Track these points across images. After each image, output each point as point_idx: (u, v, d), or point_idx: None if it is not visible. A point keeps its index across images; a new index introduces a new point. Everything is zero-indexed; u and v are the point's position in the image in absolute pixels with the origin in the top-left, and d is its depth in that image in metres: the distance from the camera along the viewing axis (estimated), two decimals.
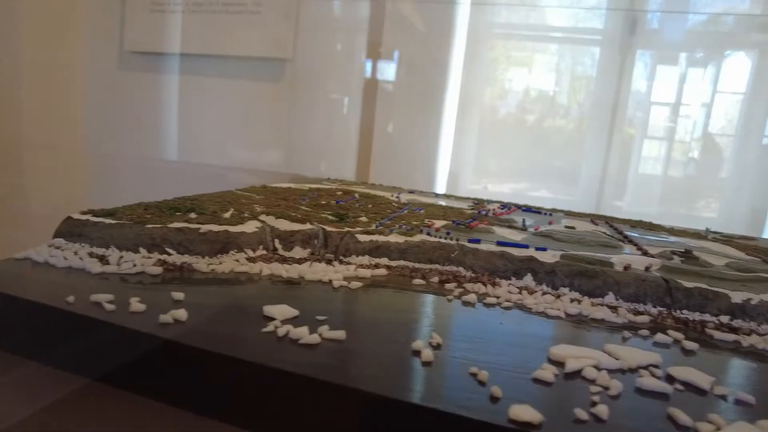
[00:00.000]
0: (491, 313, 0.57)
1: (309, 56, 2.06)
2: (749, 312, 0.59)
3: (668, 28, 2.16)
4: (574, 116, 2.22)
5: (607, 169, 2.17)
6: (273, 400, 0.40)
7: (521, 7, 2.20)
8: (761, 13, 2.07)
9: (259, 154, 2.14)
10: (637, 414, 0.38)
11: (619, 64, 2.16)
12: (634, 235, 0.94)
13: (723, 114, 2.05)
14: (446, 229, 0.80)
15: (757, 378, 0.47)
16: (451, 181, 2.30)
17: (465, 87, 2.24)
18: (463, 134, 2.27)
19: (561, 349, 0.46)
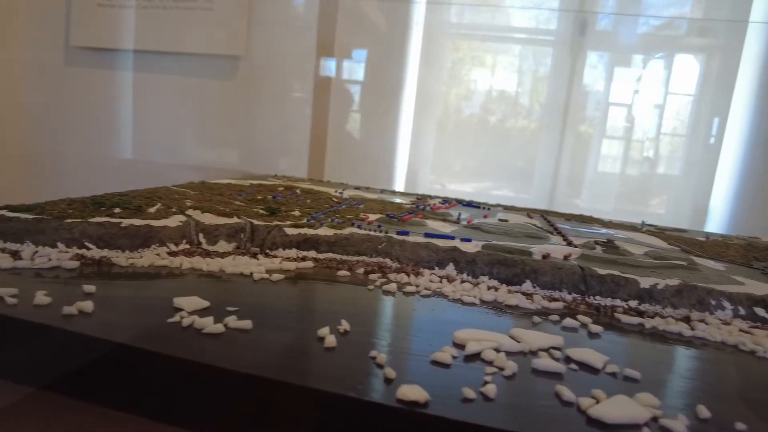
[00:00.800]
0: (408, 301, 0.57)
1: (262, 53, 2.04)
2: (656, 296, 0.62)
3: (618, 30, 2.23)
4: (532, 116, 2.26)
5: (560, 168, 2.23)
6: (169, 387, 0.40)
7: (478, 7, 2.23)
8: (703, 17, 2.16)
9: (214, 152, 2.11)
10: (527, 392, 0.40)
11: (570, 64, 2.22)
12: (566, 228, 0.97)
13: (675, 115, 2.13)
14: (379, 223, 0.81)
15: (650, 356, 0.49)
16: (410, 179, 2.32)
17: (422, 85, 2.26)
18: (420, 132, 2.29)
19: (465, 333, 0.47)
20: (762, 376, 0.47)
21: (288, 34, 2.05)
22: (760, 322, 0.60)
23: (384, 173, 2.26)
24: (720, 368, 0.48)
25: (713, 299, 0.61)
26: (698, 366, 0.48)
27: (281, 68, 2.05)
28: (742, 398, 0.42)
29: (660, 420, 0.36)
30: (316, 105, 2.09)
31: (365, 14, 2.22)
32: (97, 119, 2.13)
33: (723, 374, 0.47)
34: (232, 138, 2.08)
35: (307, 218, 0.78)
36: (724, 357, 0.51)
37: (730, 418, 0.38)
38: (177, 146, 2.07)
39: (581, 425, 0.35)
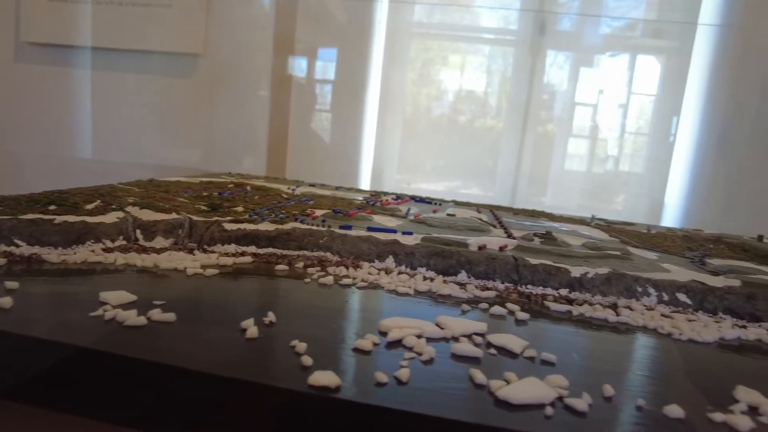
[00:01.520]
0: (342, 292, 0.58)
1: (221, 51, 2.02)
2: (586, 285, 0.64)
3: (577, 30, 2.28)
4: (499, 115, 2.29)
5: (521, 166, 2.26)
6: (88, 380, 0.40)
7: (441, 6, 2.25)
8: (657, 18, 2.22)
9: (174, 151, 2.08)
10: (441, 375, 0.40)
11: (530, 64, 2.25)
12: (511, 222, 0.99)
13: (638, 114, 2.19)
14: (323, 218, 0.81)
15: (571, 341, 0.51)
16: (376, 177, 2.33)
17: (385, 84, 2.27)
18: (385, 131, 2.29)
19: (391, 322, 0.48)
20: (671, 356, 0.50)
21: (247, 32, 2.04)
22: (682, 307, 0.62)
23: (349, 171, 2.26)
24: (634, 350, 0.50)
25: (640, 286, 0.64)
26: (614, 349, 0.50)
27: (240, 66, 2.04)
28: (648, 376, 0.44)
29: (565, 399, 0.38)
30: (277, 103, 2.08)
31: (327, 12, 2.22)
32: (53, 118, 2.08)
33: (636, 356, 0.49)
34: (192, 136, 2.06)
35: (249, 214, 0.78)
36: (641, 340, 0.53)
37: (633, 395, 0.40)
38: (137, 145, 2.04)
39: (489, 406, 0.36)
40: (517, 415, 0.36)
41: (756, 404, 0.40)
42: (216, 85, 2.03)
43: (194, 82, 2.06)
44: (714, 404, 0.40)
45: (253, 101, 2.04)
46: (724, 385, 0.43)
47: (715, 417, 0.38)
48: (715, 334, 0.56)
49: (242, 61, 2.03)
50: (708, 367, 0.48)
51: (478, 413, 0.35)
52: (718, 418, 0.37)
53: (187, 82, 2.07)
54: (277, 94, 2.07)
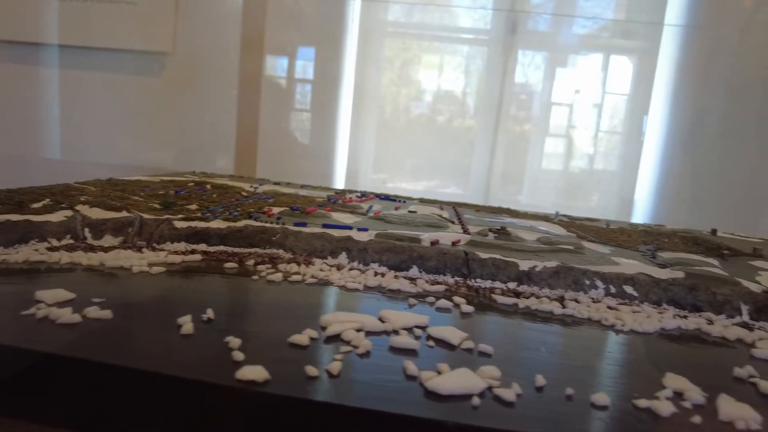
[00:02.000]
0: (289, 289, 0.58)
1: (190, 49, 2.00)
2: (534, 278, 0.64)
3: (547, 29, 2.30)
4: (472, 114, 2.30)
5: (494, 164, 2.28)
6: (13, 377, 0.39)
7: (414, 5, 2.26)
8: (626, 19, 2.26)
9: (144, 150, 2.05)
10: (375, 368, 0.41)
11: (503, 63, 2.27)
12: (472, 218, 1.00)
13: (610, 113, 2.23)
14: (279, 215, 0.81)
15: (512, 333, 0.52)
16: (351, 177, 2.32)
17: (359, 83, 2.26)
18: (359, 130, 2.29)
19: (332, 317, 0.48)
20: (609, 347, 0.50)
21: (216, 30, 2.02)
22: (628, 299, 0.63)
23: (324, 171, 2.26)
24: (574, 342, 0.51)
25: (587, 279, 0.65)
26: (554, 340, 0.51)
27: (210, 64, 2.02)
28: (583, 366, 0.45)
29: (494, 389, 0.38)
30: (246, 102, 2.07)
31: (298, 10, 2.20)
32: (19, 117, 2.03)
33: (574, 347, 0.50)
34: (162, 136, 2.03)
35: (202, 212, 0.77)
36: (583, 332, 0.54)
37: (564, 385, 0.40)
38: (107, 145, 2.01)
39: (418, 397, 0.37)
40: (444, 405, 0.36)
41: (681, 390, 0.41)
42: (185, 84, 2.01)
43: (163, 81, 2.03)
44: (642, 391, 0.41)
45: (222, 100, 2.02)
46: (656, 373, 0.44)
47: (640, 403, 0.38)
48: (657, 325, 0.57)
49: (212, 59, 2.01)
50: (644, 356, 0.49)
51: (406, 404, 0.36)
52: (643, 404, 0.38)
53: (156, 81, 2.04)
54: (246, 93, 2.05)
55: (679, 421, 0.37)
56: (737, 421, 0.37)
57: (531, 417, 0.35)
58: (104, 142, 2.02)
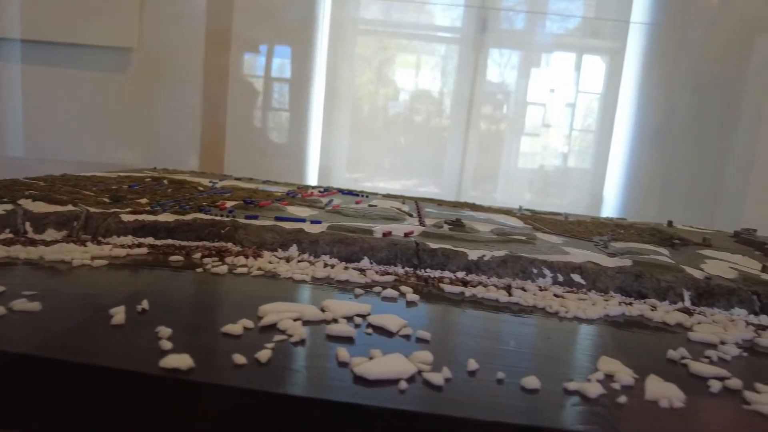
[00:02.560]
0: (232, 281, 0.57)
1: (155, 45, 1.97)
2: (482, 267, 0.65)
3: (518, 27, 2.32)
4: (444, 112, 2.30)
5: (465, 162, 2.29)
6: None
7: (386, 3, 2.25)
8: (595, 17, 2.29)
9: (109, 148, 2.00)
10: (308, 355, 0.40)
11: (474, 61, 2.28)
12: (432, 212, 1.00)
13: (579, 111, 2.26)
14: (231, 208, 0.80)
15: (453, 320, 0.52)
16: (323, 175, 2.31)
17: (330, 81, 2.25)
18: (332, 128, 2.28)
19: (271, 307, 0.47)
20: (549, 333, 0.51)
21: (181, 26, 1.98)
22: (576, 287, 0.64)
23: (295, 168, 2.24)
24: (514, 328, 0.51)
25: (535, 268, 0.65)
26: (493, 326, 0.51)
27: (176, 61, 1.98)
28: (520, 352, 0.45)
29: (424, 374, 0.38)
30: (212, 99, 2.04)
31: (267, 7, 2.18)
32: None
33: (515, 333, 0.50)
34: (127, 133, 2.00)
35: (152, 205, 0.76)
36: (526, 319, 0.54)
37: (496, 369, 0.40)
38: (71, 142, 1.96)
39: (346, 383, 0.36)
40: (371, 390, 0.36)
41: (612, 372, 0.41)
42: (151, 80, 1.98)
43: (129, 77, 2.00)
44: (575, 375, 0.41)
45: (188, 97, 1.99)
46: (593, 357, 0.45)
47: (570, 386, 0.39)
48: (601, 312, 0.58)
49: (178, 55, 1.98)
50: (583, 341, 0.50)
51: (332, 389, 0.35)
52: (572, 387, 0.39)
53: (121, 77, 2.00)
54: (213, 89, 2.03)
55: (606, 402, 0.37)
56: (661, 399, 0.38)
57: (457, 401, 0.35)
58: (69, 139, 1.98)
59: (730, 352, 0.50)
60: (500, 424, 0.33)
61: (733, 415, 0.38)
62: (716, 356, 0.49)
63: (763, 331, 0.58)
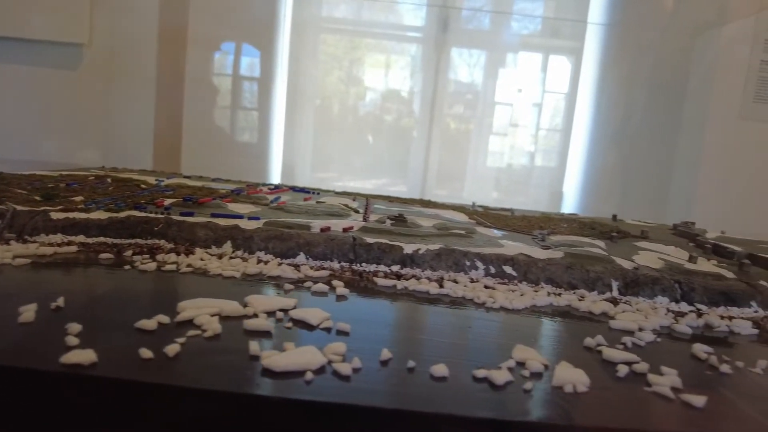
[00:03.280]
0: (159, 278, 0.56)
1: (107, 41, 1.92)
2: (417, 260, 0.65)
3: (478, 27, 2.35)
4: (410, 112, 2.31)
5: (429, 161, 2.31)
6: None
7: (347, 2, 2.25)
8: (554, 16, 2.33)
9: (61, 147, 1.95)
10: (220, 349, 0.40)
11: (435, 60, 2.30)
12: (381, 208, 1.00)
13: (539, 110, 2.30)
14: (168, 205, 0.79)
15: (378, 312, 0.52)
16: (287, 174, 2.29)
17: (293, 79, 2.24)
18: (294, 127, 2.26)
19: (191, 303, 0.47)
20: (472, 323, 0.52)
21: (134, 22, 1.94)
22: (507, 279, 0.65)
23: (257, 167, 2.22)
24: (439, 319, 0.52)
25: (468, 260, 0.66)
26: (417, 318, 0.52)
27: (128, 57, 1.94)
28: (437, 342, 0.46)
29: (333, 365, 0.38)
30: (169, 96, 2.00)
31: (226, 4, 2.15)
32: None
33: (438, 323, 0.51)
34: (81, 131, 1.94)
35: (86, 203, 0.74)
36: (452, 309, 0.55)
37: (406, 358, 0.41)
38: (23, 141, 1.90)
39: (253, 375, 0.36)
40: (277, 381, 0.36)
41: (524, 359, 0.42)
42: (104, 77, 1.93)
43: (80, 74, 1.94)
44: (488, 363, 0.42)
45: (142, 95, 1.95)
46: (510, 346, 0.46)
47: (478, 373, 0.39)
48: (528, 302, 0.59)
49: (131, 52, 1.94)
50: (504, 330, 0.51)
51: (237, 382, 0.35)
52: (481, 374, 0.39)
53: (72, 74, 1.95)
54: (168, 87, 1.99)
55: (512, 389, 0.38)
56: (566, 384, 0.39)
57: (362, 389, 0.36)
58: (20, 138, 1.91)
59: (646, 338, 0.52)
60: (399, 411, 0.33)
61: (632, 396, 0.39)
62: (631, 342, 0.50)
63: (682, 317, 0.60)
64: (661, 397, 0.40)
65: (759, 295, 0.65)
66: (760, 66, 1.86)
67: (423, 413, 0.33)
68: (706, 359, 0.48)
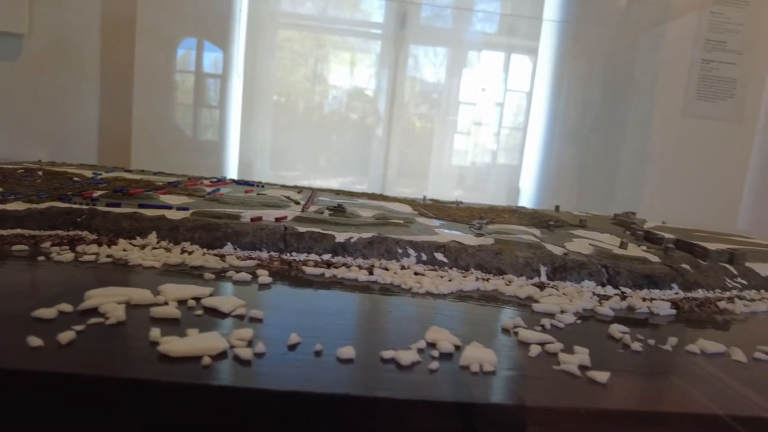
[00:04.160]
0: (73, 269, 0.54)
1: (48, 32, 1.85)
2: (349, 249, 0.65)
3: (437, 24, 2.35)
4: (371, 110, 2.29)
5: (389, 159, 2.30)
6: None
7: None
8: (511, 13, 2.36)
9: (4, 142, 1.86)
10: (119, 337, 0.39)
11: (394, 57, 2.29)
12: (325, 200, 1.00)
13: (515, 110, 2.32)
14: (96, 196, 0.76)
15: (297, 300, 0.51)
16: (244, 170, 2.25)
17: (249, 75, 2.20)
18: (251, 123, 2.22)
19: (99, 291, 0.45)
20: (393, 307, 0.52)
21: (76, 12, 1.87)
22: (438, 265, 0.65)
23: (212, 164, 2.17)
24: (358, 304, 0.52)
25: (400, 248, 0.66)
26: (337, 304, 0.51)
27: (71, 49, 1.87)
28: (350, 326, 0.46)
29: (235, 349, 0.37)
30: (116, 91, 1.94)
31: None
32: None
33: (355, 309, 0.50)
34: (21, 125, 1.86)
35: (3, 194, 0.71)
36: (377, 296, 0.55)
37: (317, 342, 0.40)
38: None
39: (150, 361, 0.35)
40: (174, 366, 0.35)
41: (435, 341, 0.42)
42: (44, 69, 1.85)
43: (20, 66, 1.86)
44: (399, 344, 0.41)
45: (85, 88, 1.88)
46: (426, 328, 0.45)
47: (386, 354, 0.39)
48: (455, 287, 0.59)
49: (73, 43, 1.87)
50: (423, 314, 0.51)
51: (131, 368, 0.34)
52: (388, 356, 0.39)
53: (11, 66, 1.87)
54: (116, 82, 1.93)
55: (418, 369, 0.38)
56: (473, 364, 0.39)
57: (261, 373, 0.35)
58: None
59: (566, 320, 0.52)
60: (292, 393, 0.33)
61: (538, 375, 0.40)
62: (550, 324, 0.51)
63: (606, 300, 0.61)
64: (568, 374, 0.40)
65: (680, 277, 0.67)
66: (701, 65, 1.92)
67: (312, 393, 0.33)
68: (620, 339, 0.49)
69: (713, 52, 1.93)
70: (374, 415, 0.33)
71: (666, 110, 1.99)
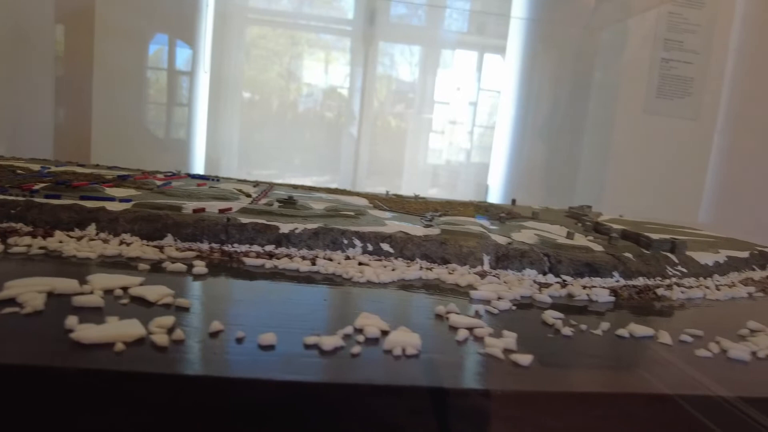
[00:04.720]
0: None
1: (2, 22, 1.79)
2: (293, 240, 0.64)
3: (407, 22, 2.35)
4: (341, 108, 2.28)
5: (359, 156, 2.30)
6: None
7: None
8: (481, 10, 2.37)
9: None
10: (33, 325, 0.38)
11: (363, 54, 2.29)
12: (281, 194, 0.99)
13: (489, 109, 2.33)
14: (37, 188, 0.74)
15: (229, 290, 0.51)
16: (211, 167, 2.22)
17: (216, 71, 2.17)
18: (218, 120, 2.19)
19: (22, 282, 0.44)
20: (329, 296, 0.51)
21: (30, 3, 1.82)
22: (384, 256, 0.66)
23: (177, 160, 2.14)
24: (293, 293, 0.51)
25: (346, 239, 0.66)
26: (271, 294, 0.51)
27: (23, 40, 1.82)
28: (278, 313, 0.45)
29: (152, 336, 0.37)
30: (73, 85, 1.90)
31: None
32: None
33: (288, 298, 0.50)
34: None
35: None
36: (314, 285, 0.54)
37: (239, 329, 0.40)
38: None
39: (62, 348, 0.34)
40: (86, 353, 0.34)
41: (363, 326, 0.42)
42: None
43: None
44: (327, 330, 0.41)
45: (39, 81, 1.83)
46: (357, 315, 0.45)
47: (309, 340, 0.39)
48: (397, 276, 0.59)
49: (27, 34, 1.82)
50: (358, 301, 0.51)
51: (40, 355, 0.33)
52: (311, 341, 0.39)
53: None
54: (73, 76, 1.88)
55: (341, 354, 0.38)
56: (395, 348, 0.39)
57: (177, 359, 0.35)
58: None
59: (501, 306, 0.53)
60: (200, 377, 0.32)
61: (460, 358, 0.40)
62: (484, 310, 0.51)
63: (546, 288, 0.62)
64: (492, 357, 0.41)
65: (622, 265, 0.68)
66: (660, 64, 1.97)
67: (221, 378, 0.33)
68: (552, 324, 0.50)
69: (672, 51, 1.97)
70: (285, 399, 0.33)
71: (628, 107, 2.02)
